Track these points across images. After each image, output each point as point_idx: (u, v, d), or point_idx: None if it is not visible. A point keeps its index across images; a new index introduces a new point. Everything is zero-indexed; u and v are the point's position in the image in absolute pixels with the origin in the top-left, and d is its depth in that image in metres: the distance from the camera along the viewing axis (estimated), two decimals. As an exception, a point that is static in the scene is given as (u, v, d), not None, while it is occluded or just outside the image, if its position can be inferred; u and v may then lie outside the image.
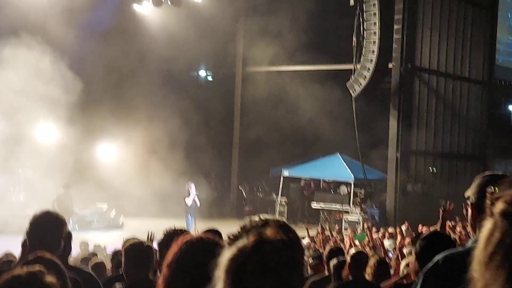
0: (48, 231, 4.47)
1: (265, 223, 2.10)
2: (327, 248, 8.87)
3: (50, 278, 2.54)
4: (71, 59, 25.08)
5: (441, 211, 7.44)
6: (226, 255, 2.01)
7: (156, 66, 29.22)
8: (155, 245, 4.27)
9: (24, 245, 4.58)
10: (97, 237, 20.46)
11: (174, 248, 2.76)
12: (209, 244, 2.79)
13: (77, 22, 24.55)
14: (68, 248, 5.24)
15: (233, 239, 2.10)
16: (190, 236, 2.84)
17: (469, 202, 3.21)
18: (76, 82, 25.56)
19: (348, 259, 6.92)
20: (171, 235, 3.79)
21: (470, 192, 3.23)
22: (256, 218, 2.14)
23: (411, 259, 6.27)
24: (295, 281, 2.03)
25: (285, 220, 2.17)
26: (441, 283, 2.92)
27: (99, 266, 8.06)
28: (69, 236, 5.32)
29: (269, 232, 2.01)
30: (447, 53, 28.64)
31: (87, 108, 25.78)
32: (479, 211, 3.08)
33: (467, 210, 3.25)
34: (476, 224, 3.10)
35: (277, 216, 2.26)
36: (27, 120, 25.16)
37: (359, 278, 6.66)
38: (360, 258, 6.90)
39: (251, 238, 2.00)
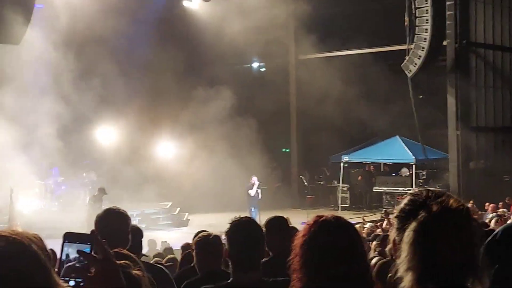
0: (113, 226, 4.53)
1: (436, 195, 2.19)
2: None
3: (136, 272, 2.62)
4: (127, 61, 25.44)
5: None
6: (411, 227, 2.12)
7: (208, 60, 29.32)
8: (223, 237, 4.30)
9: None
10: (163, 235, 20.71)
11: (307, 227, 2.73)
12: (341, 224, 2.77)
13: (126, 20, 24.80)
14: (139, 246, 5.36)
15: (402, 213, 2.19)
16: (325, 215, 2.79)
17: None
18: (131, 82, 25.95)
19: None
20: (238, 224, 3.84)
21: None
22: (422, 193, 2.23)
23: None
24: (475, 246, 2.15)
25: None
26: (500, 254, 2.93)
27: (171, 263, 8.19)
28: (139, 234, 5.44)
29: (452, 201, 2.15)
30: (502, 26, 28.07)
31: (143, 106, 26.11)
32: None
33: None
34: None
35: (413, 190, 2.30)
36: (87, 124, 25.69)
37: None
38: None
39: (434, 207, 2.12)
